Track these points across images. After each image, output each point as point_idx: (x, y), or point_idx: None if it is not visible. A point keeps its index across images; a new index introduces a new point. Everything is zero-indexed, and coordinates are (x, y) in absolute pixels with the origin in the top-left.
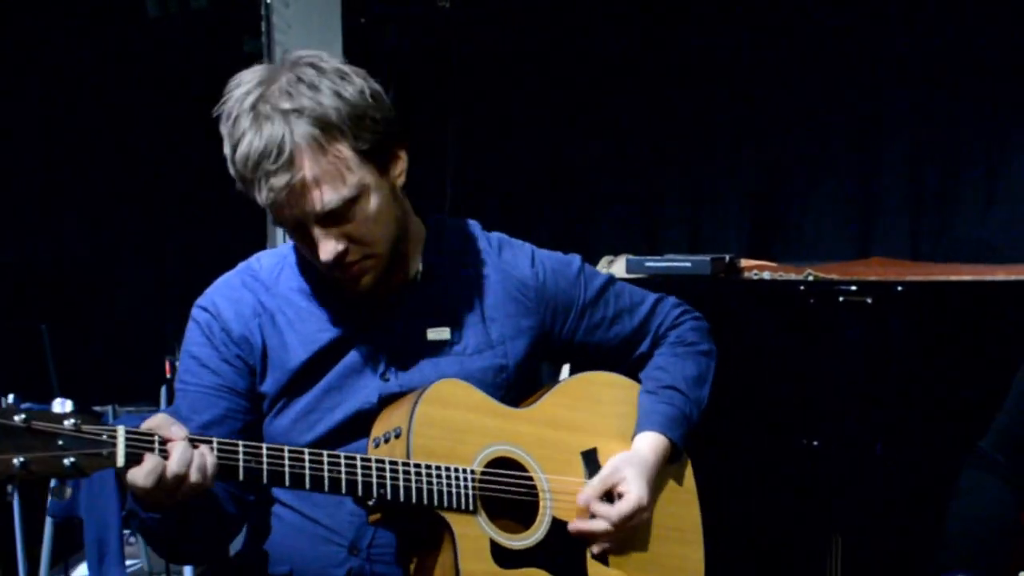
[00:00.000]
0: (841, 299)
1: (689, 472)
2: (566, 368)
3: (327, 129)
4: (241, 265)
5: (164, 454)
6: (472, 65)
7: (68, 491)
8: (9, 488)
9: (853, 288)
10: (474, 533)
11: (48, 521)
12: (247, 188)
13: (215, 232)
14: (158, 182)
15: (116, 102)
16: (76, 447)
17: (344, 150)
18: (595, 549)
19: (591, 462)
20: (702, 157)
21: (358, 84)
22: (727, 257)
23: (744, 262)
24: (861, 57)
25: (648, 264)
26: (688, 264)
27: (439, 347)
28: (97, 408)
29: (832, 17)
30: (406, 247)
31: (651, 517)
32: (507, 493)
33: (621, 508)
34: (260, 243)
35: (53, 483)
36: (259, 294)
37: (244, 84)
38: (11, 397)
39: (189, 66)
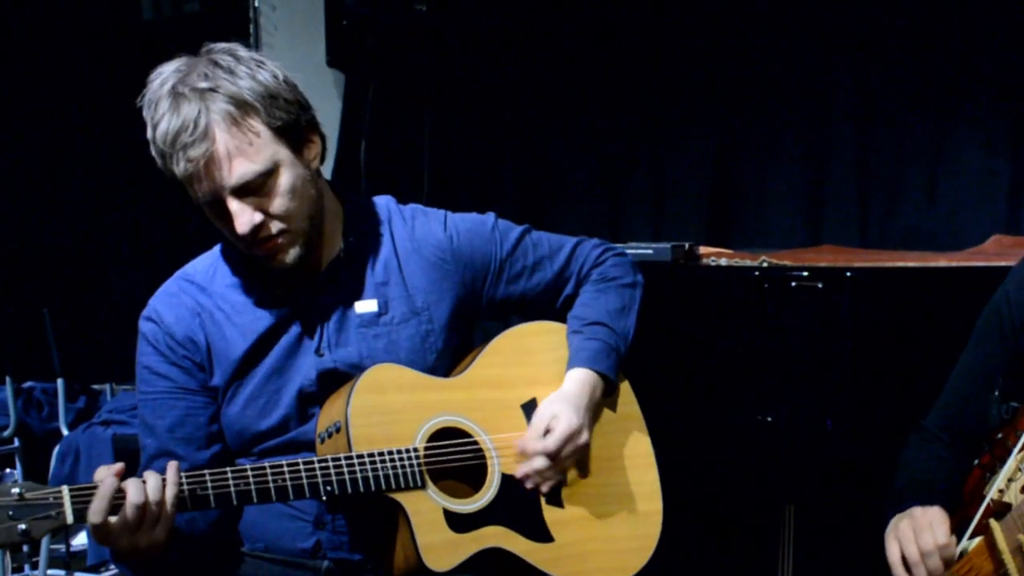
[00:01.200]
0: (793, 284)
1: (630, 400)
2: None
3: (241, 106)
4: (177, 272)
5: (120, 494)
6: (447, 64)
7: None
8: None
9: (804, 274)
10: (426, 507)
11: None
12: (166, 164)
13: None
14: (151, 174)
15: (114, 99)
16: (25, 516)
17: (257, 125)
18: (544, 488)
19: (532, 412)
20: (663, 152)
21: (271, 69)
22: (687, 245)
23: (703, 249)
24: (810, 55)
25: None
26: (650, 251)
27: (367, 320)
28: (95, 386)
29: (783, 17)
30: (324, 226)
31: (595, 450)
32: (455, 461)
33: (554, 437)
34: None
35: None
36: (196, 296)
37: (164, 73)
38: (9, 381)
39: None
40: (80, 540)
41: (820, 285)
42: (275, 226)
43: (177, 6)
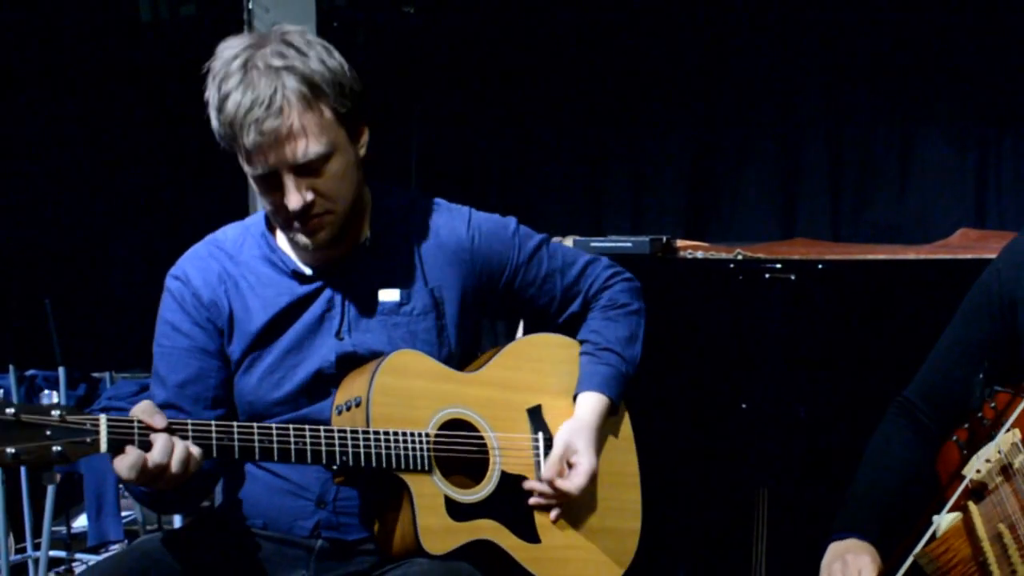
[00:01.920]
0: (767, 276)
1: (626, 422)
2: (521, 327)
3: (313, 88)
4: (208, 237)
5: (146, 444)
6: (434, 62)
7: (57, 476)
8: None
9: (778, 266)
10: (429, 491)
11: (57, 476)
12: (231, 138)
13: (200, 215)
14: (148, 169)
15: (112, 97)
16: (62, 436)
17: (325, 110)
18: (552, 514)
19: (536, 418)
20: (642, 150)
21: (339, 58)
22: (664, 238)
23: (680, 242)
24: (784, 57)
25: (593, 244)
26: (630, 244)
27: (389, 308)
28: (95, 374)
29: (758, 20)
30: (360, 211)
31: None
32: (459, 452)
33: (576, 481)
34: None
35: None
36: (224, 263)
37: (233, 48)
38: (12, 369)
39: (179, 65)
40: (80, 522)
41: (793, 277)
42: (322, 206)
43: (174, 8)
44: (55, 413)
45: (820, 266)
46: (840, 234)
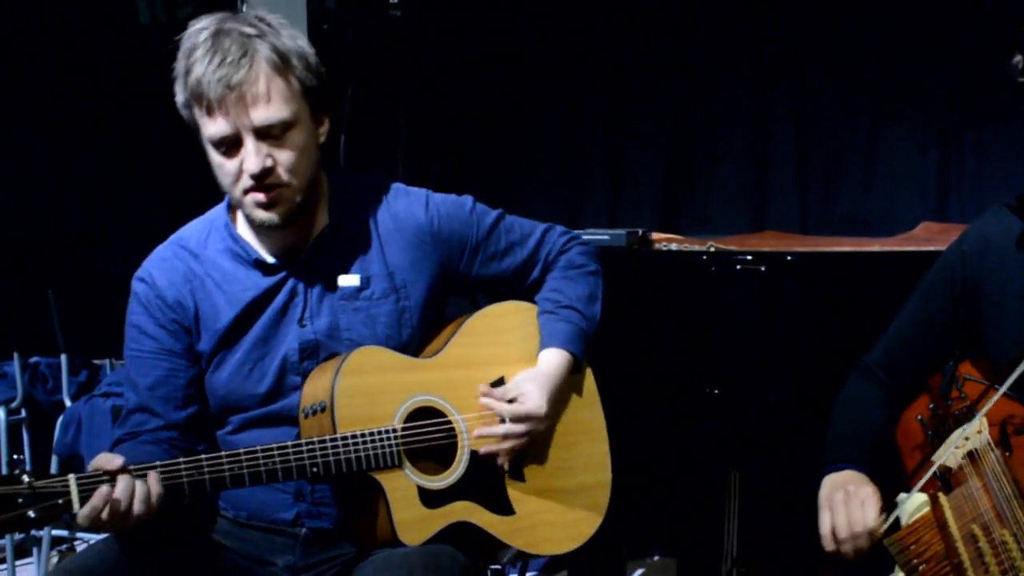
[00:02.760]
0: (738, 267)
1: (590, 378)
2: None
3: (282, 56)
4: (172, 237)
5: (113, 484)
6: (419, 63)
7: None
8: None
9: (749, 258)
10: (402, 485)
11: (54, 459)
12: (195, 98)
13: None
14: (146, 164)
15: (112, 96)
16: (34, 503)
17: (292, 80)
18: (502, 460)
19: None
20: (619, 147)
21: (307, 43)
22: (640, 231)
23: (655, 235)
24: (755, 58)
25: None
26: (607, 237)
27: (348, 293)
28: (96, 361)
29: (731, 23)
30: (316, 197)
31: (557, 425)
32: (428, 441)
33: (515, 408)
34: None
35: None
36: (188, 262)
37: (202, 22)
38: (16, 357)
39: (174, 64)
40: None
41: (763, 268)
42: (279, 177)
43: (171, 11)
44: (25, 479)
45: (789, 258)
46: (808, 227)
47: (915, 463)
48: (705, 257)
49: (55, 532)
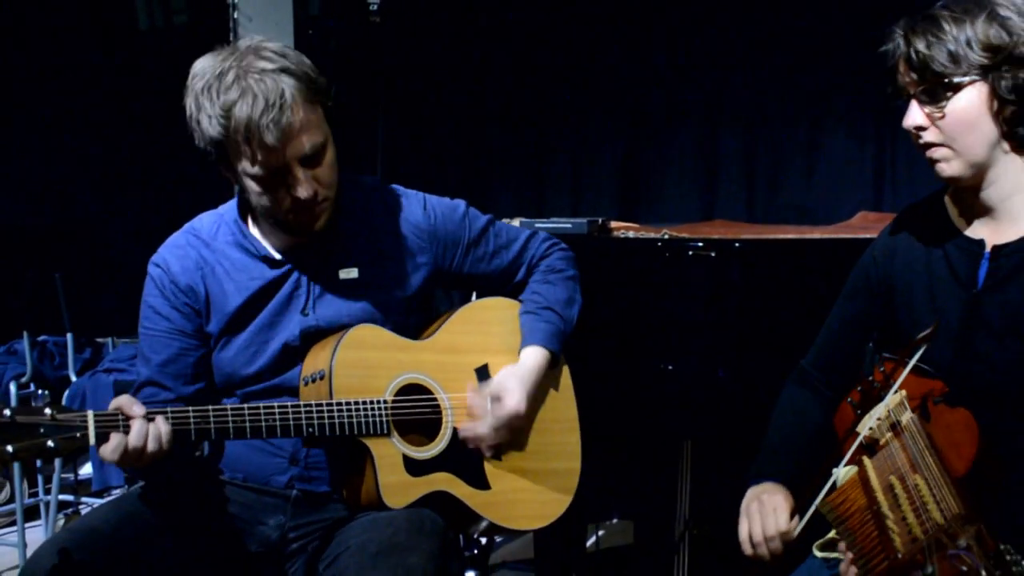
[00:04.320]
0: (690, 253)
1: (566, 373)
2: (475, 296)
3: (308, 84)
4: (185, 226)
5: (127, 430)
6: (397, 66)
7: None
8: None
9: (700, 244)
10: (389, 452)
11: None
12: (242, 142)
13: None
14: (146, 160)
15: (114, 96)
16: (54, 433)
17: (318, 105)
18: (485, 450)
19: (483, 376)
20: (581, 143)
21: (303, 56)
22: (600, 220)
23: (614, 223)
24: (706, 59)
25: (538, 225)
26: (569, 225)
27: (349, 285)
28: (100, 339)
29: (683, 26)
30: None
31: (534, 418)
32: (415, 414)
33: (497, 411)
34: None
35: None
36: (200, 250)
37: (212, 63)
38: (26, 335)
39: (172, 66)
40: (86, 470)
41: (713, 254)
42: (324, 193)
43: (168, 18)
44: (47, 412)
45: (737, 244)
46: (754, 216)
47: (847, 441)
48: (660, 244)
49: (61, 497)
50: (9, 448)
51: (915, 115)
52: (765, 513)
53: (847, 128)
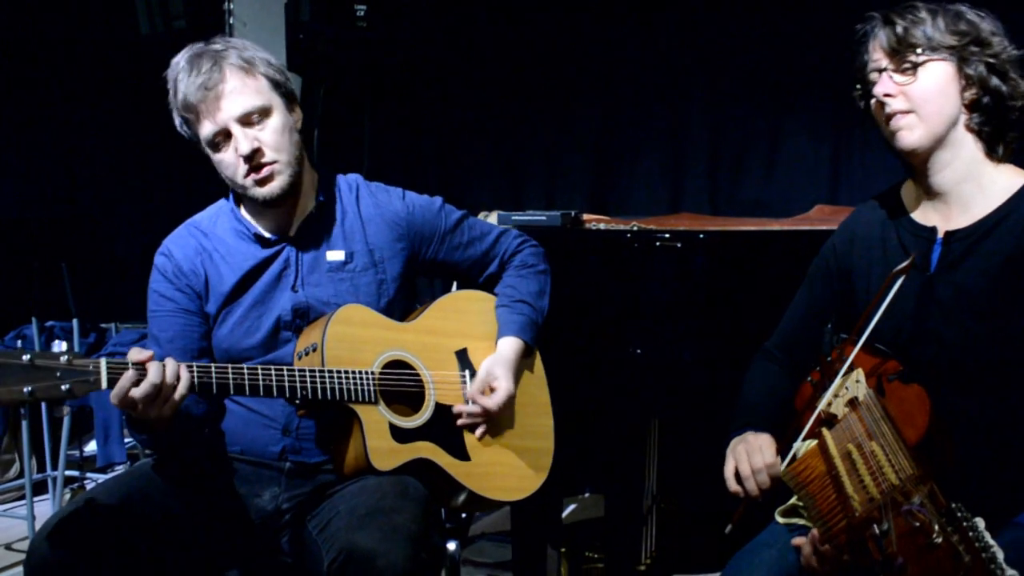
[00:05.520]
0: (657, 244)
1: (539, 361)
2: (455, 285)
3: (248, 61)
4: (187, 221)
5: (142, 372)
6: (381, 68)
7: (65, 409)
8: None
9: (667, 235)
10: (376, 418)
11: (66, 408)
12: (187, 110)
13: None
14: (147, 156)
15: (117, 96)
16: (70, 377)
17: (260, 77)
18: (477, 432)
19: (463, 358)
20: (554, 140)
21: (269, 54)
22: (573, 213)
23: (586, 216)
24: (671, 60)
25: (514, 218)
26: (544, 218)
27: (335, 266)
28: (103, 324)
29: (650, 29)
30: (304, 180)
31: (513, 401)
32: (400, 387)
33: (496, 399)
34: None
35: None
36: (200, 239)
37: (180, 55)
38: (34, 321)
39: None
40: (91, 447)
41: (679, 245)
42: (268, 155)
43: (168, 23)
44: (63, 358)
45: (701, 236)
46: (718, 209)
47: (806, 416)
48: (629, 235)
49: (67, 473)
50: (27, 388)
51: (886, 84)
52: (751, 451)
53: (805, 127)
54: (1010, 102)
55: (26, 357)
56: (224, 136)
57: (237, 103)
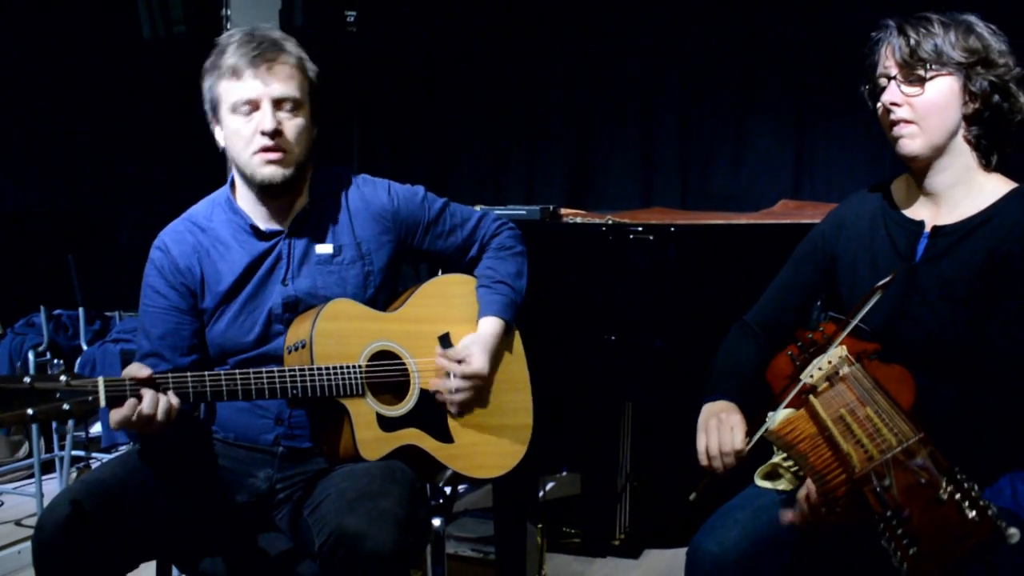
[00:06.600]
0: (631, 236)
1: (518, 339)
2: (440, 269)
3: (302, 60)
4: (184, 214)
5: (137, 395)
6: (371, 71)
7: (70, 424)
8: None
9: (640, 229)
10: (364, 410)
11: None
12: (231, 72)
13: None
14: (149, 153)
15: (120, 97)
16: (69, 397)
17: (307, 79)
18: (452, 409)
19: (446, 342)
20: (533, 136)
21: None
22: (551, 207)
23: (564, 210)
24: (643, 63)
25: (496, 211)
26: (524, 212)
27: (324, 259)
28: (108, 312)
29: (624, 31)
30: (304, 180)
31: (492, 379)
32: (386, 377)
33: (464, 368)
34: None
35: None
36: (197, 235)
37: (238, 30)
38: (43, 309)
39: (172, 71)
40: (96, 429)
41: (651, 237)
42: (284, 143)
43: (168, 28)
44: (63, 378)
45: (672, 229)
46: (688, 203)
47: (784, 389)
48: (604, 228)
49: (74, 453)
50: (29, 411)
51: (894, 93)
52: (723, 431)
53: (770, 125)
54: (1008, 116)
55: (26, 380)
56: (252, 107)
57: (283, 85)
